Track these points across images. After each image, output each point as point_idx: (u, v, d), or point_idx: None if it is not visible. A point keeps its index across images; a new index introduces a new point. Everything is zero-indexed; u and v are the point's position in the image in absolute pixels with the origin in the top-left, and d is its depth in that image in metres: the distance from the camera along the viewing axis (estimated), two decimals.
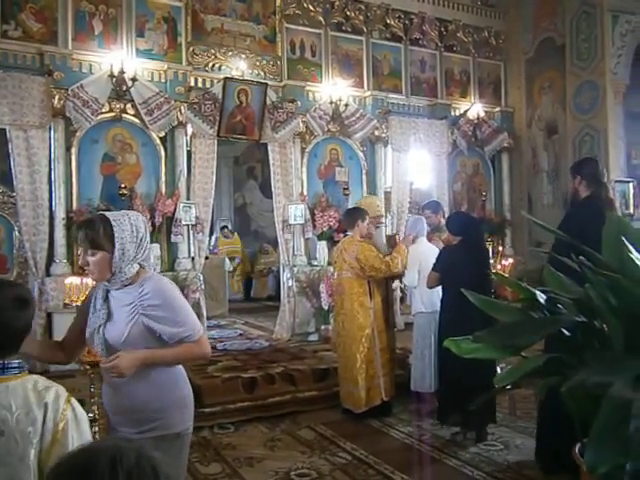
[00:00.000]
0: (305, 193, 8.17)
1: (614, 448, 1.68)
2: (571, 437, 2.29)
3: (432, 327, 5.07)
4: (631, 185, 8.54)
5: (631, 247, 2.13)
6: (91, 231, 2.25)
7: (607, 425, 1.72)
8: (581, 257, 2.24)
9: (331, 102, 8.21)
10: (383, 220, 6.30)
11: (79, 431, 1.59)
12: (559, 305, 2.34)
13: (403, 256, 5.20)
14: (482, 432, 4.62)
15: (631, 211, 8.46)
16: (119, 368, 2.14)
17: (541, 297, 2.34)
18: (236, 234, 12.75)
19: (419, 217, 5.88)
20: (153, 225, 6.98)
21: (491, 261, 5.48)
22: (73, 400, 1.62)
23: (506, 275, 5.43)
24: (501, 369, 5.05)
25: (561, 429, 3.16)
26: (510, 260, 7.05)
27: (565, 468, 3.09)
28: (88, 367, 3.95)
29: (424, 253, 5.26)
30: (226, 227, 12.84)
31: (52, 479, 0.99)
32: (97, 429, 4.35)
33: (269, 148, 8.02)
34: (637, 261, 2.10)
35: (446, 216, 5.59)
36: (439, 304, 4.85)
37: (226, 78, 7.56)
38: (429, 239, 5.61)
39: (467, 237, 4.67)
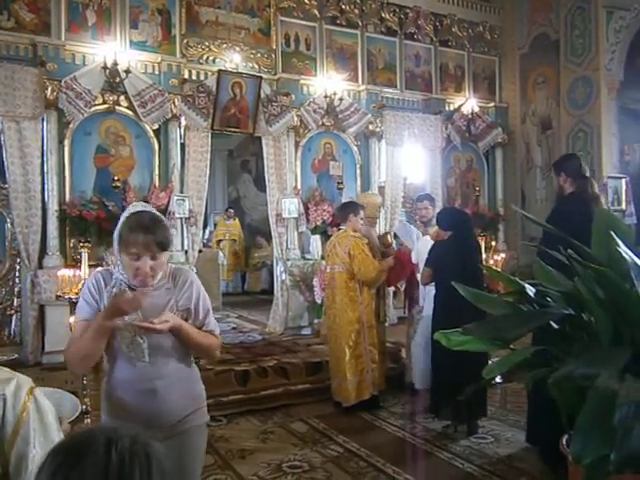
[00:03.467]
0: (299, 187, 8.16)
1: (599, 439, 1.70)
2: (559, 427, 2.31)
3: None
4: (623, 181, 8.54)
5: (619, 241, 2.15)
6: (163, 233, 2.07)
7: (593, 416, 1.74)
8: (570, 251, 2.26)
9: (325, 96, 8.19)
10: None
11: (42, 423, 1.54)
12: (548, 298, 2.36)
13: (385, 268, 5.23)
14: (473, 425, 4.65)
15: (623, 207, 8.48)
16: (168, 323, 2.05)
17: (530, 290, 2.36)
18: (237, 219, 12.75)
19: (404, 223, 5.85)
20: None
21: (483, 256, 5.48)
22: (37, 392, 1.57)
23: (497, 269, 5.45)
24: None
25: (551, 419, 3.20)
26: (503, 255, 7.07)
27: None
28: None
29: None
30: (231, 208, 12.87)
31: (51, 456, 1.03)
32: (89, 421, 4.36)
33: (263, 142, 8.00)
34: (625, 255, 2.12)
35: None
36: None
37: (220, 71, 7.53)
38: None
39: (457, 232, 4.68)
